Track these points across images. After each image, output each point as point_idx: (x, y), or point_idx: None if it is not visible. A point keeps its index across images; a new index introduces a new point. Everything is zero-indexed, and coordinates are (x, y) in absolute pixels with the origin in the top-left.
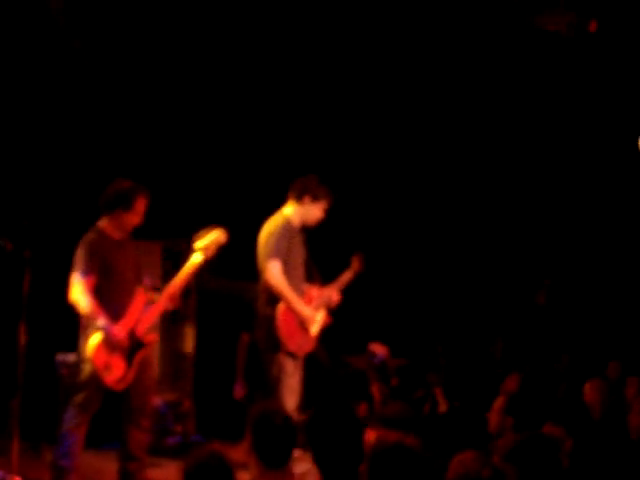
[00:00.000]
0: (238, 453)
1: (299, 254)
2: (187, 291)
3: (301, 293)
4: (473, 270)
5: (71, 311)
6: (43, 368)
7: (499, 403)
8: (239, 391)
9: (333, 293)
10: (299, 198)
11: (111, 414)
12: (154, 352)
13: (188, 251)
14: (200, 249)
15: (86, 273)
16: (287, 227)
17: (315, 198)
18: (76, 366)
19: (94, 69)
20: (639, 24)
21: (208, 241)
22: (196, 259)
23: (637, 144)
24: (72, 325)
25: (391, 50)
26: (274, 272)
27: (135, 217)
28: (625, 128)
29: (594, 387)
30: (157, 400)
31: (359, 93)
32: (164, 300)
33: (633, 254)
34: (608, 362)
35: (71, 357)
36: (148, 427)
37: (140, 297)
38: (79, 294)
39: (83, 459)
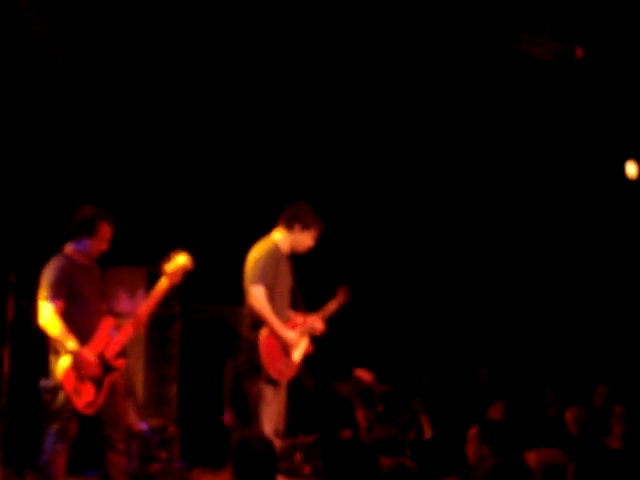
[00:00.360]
0: (221, 478)
1: (286, 280)
2: (172, 316)
3: (286, 319)
4: (457, 297)
5: None
6: (26, 393)
7: (473, 432)
8: (228, 418)
9: (317, 322)
10: (289, 225)
11: (92, 439)
12: (138, 377)
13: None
14: (167, 274)
15: (54, 298)
16: (275, 253)
17: (305, 227)
18: (52, 393)
19: (75, 89)
20: (625, 51)
21: (174, 267)
22: (162, 284)
23: (624, 170)
24: None
25: (378, 75)
26: (257, 296)
27: (100, 244)
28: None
29: (572, 414)
30: (142, 425)
31: (342, 120)
32: (132, 325)
33: (616, 274)
34: (594, 388)
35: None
36: (125, 450)
37: (107, 322)
38: (48, 318)
39: None
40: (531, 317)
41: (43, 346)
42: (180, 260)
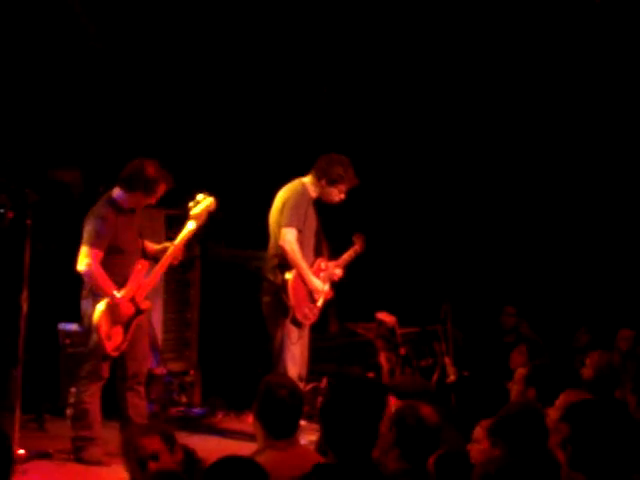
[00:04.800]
0: (243, 423)
1: (312, 224)
2: (192, 258)
3: (310, 263)
4: (483, 236)
5: (73, 280)
6: (45, 338)
7: (521, 373)
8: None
9: (337, 269)
10: (318, 177)
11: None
12: (158, 321)
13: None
14: (193, 217)
15: (97, 246)
16: (305, 195)
17: (331, 182)
18: (84, 336)
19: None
20: None
21: (200, 209)
22: (190, 227)
23: None
24: (74, 294)
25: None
26: (290, 239)
27: (151, 200)
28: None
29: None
30: (161, 370)
31: (367, 74)
32: (160, 269)
33: None
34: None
35: (73, 326)
36: (144, 394)
37: (142, 264)
38: (91, 266)
39: None
40: (559, 256)
41: (60, 290)
42: (205, 202)
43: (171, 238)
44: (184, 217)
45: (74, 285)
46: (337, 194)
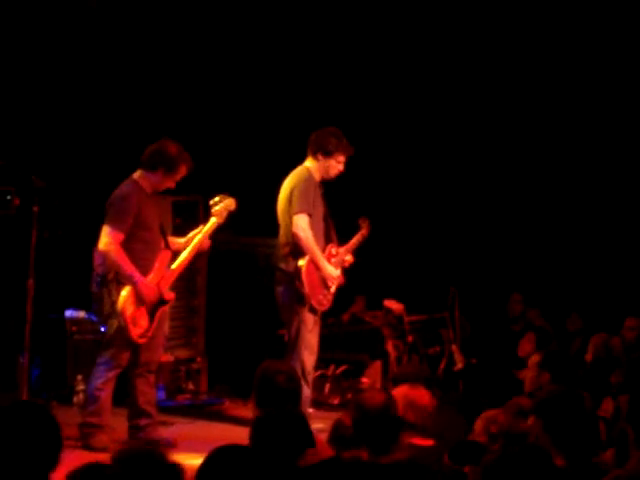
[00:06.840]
0: (250, 410)
1: (320, 210)
2: None
3: (321, 249)
4: (490, 224)
5: (80, 267)
6: (52, 325)
7: (534, 360)
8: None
9: (347, 254)
10: (314, 154)
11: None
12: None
13: (198, 206)
14: (215, 214)
15: (118, 227)
16: (311, 181)
17: (327, 154)
18: (94, 324)
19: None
20: None
21: (220, 207)
22: (211, 223)
23: None
24: (81, 281)
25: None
26: (303, 226)
27: (172, 182)
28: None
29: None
30: (168, 357)
31: (371, 61)
32: (187, 258)
33: None
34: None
35: (80, 313)
36: (155, 382)
37: (165, 255)
38: (111, 246)
39: None
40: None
41: (67, 277)
42: (227, 202)
43: (178, 225)
44: (191, 204)
45: (81, 272)
46: (335, 166)
